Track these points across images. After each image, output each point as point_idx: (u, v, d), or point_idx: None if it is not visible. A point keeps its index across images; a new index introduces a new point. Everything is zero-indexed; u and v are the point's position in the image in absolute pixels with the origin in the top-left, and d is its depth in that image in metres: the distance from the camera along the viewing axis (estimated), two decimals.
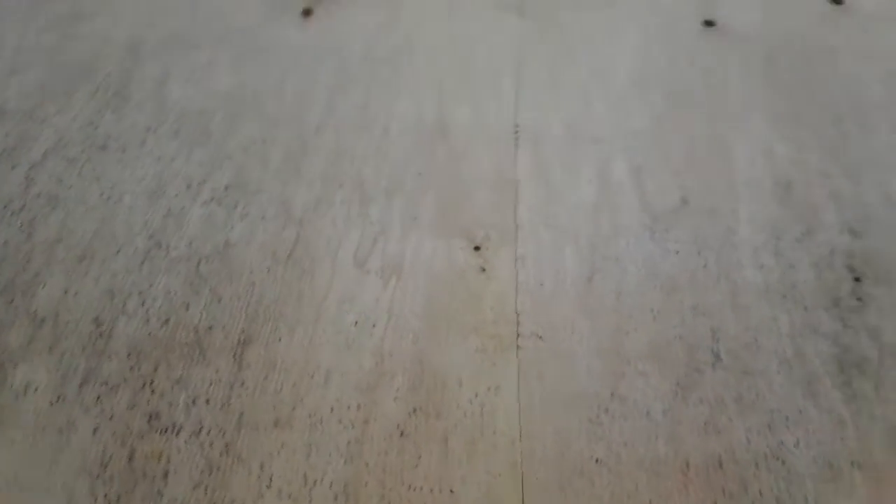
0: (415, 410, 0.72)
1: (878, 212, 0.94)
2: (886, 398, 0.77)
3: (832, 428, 0.74)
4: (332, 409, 0.71)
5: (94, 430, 0.69)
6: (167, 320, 0.77)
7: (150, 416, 0.70)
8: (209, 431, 0.69)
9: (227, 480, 0.66)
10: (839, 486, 0.71)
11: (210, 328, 0.76)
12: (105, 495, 0.65)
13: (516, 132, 0.99)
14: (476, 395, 0.73)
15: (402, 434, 0.70)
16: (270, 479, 0.67)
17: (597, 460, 0.70)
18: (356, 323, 0.78)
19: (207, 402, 0.71)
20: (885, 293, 0.86)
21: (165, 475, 0.67)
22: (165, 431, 0.69)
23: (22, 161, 0.90)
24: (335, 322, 0.78)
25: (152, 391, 0.72)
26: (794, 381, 0.78)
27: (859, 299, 0.85)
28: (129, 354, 0.74)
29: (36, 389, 0.72)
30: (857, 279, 0.87)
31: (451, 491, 0.67)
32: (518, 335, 0.78)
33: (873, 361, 0.80)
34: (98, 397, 0.71)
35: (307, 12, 1.16)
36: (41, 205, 0.86)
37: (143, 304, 0.78)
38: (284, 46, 1.09)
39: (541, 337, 0.78)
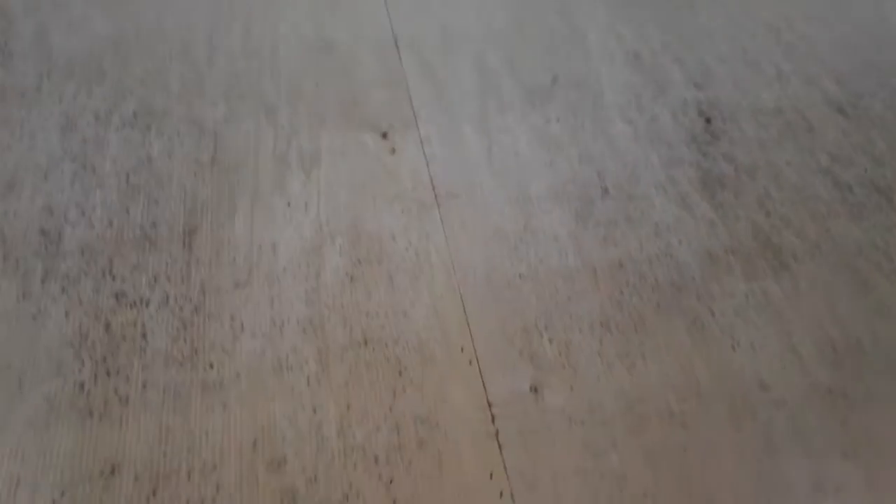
0: (359, 261, 0.80)
1: (714, 68, 1.11)
2: (745, 203, 0.93)
3: (706, 229, 0.89)
4: (284, 269, 0.79)
5: (66, 314, 0.73)
6: (111, 223, 0.81)
7: (117, 296, 0.75)
8: (176, 299, 0.75)
9: (202, 331, 0.72)
10: (719, 267, 0.85)
11: (154, 224, 0.81)
12: (91, 357, 0.70)
13: (396, 41, 1.09)
14: (410, 244, 0.83)
15: (352, 279, 0.78)
16: (242, 326, 0.73)
17: (520, 275, 0.81)
18: (289, 204, 0.85)
19: (168, 279, 0.76)
20: (732, 128, 1.02)
21: (144, 335, 0.72)
22: (134, 305, 0.74)
23: None
24: (270, 206, 0.85)
25: (113, 277, 0.76)
26: (670, 199, 0.92)
27: (712, 135, 1.01)
28: (82, 252, 0.78)
29: None
30: (707, 120, 1.03)
31: (404, 313, 0.76)
32: (436, 196, 0.88)
33: (731, 177, 0.95)
34: (63, 288, 0.75)
35: None
36: None
37: (83, 214, 0.81)
38: None
39: (456, 195, 0.89)
